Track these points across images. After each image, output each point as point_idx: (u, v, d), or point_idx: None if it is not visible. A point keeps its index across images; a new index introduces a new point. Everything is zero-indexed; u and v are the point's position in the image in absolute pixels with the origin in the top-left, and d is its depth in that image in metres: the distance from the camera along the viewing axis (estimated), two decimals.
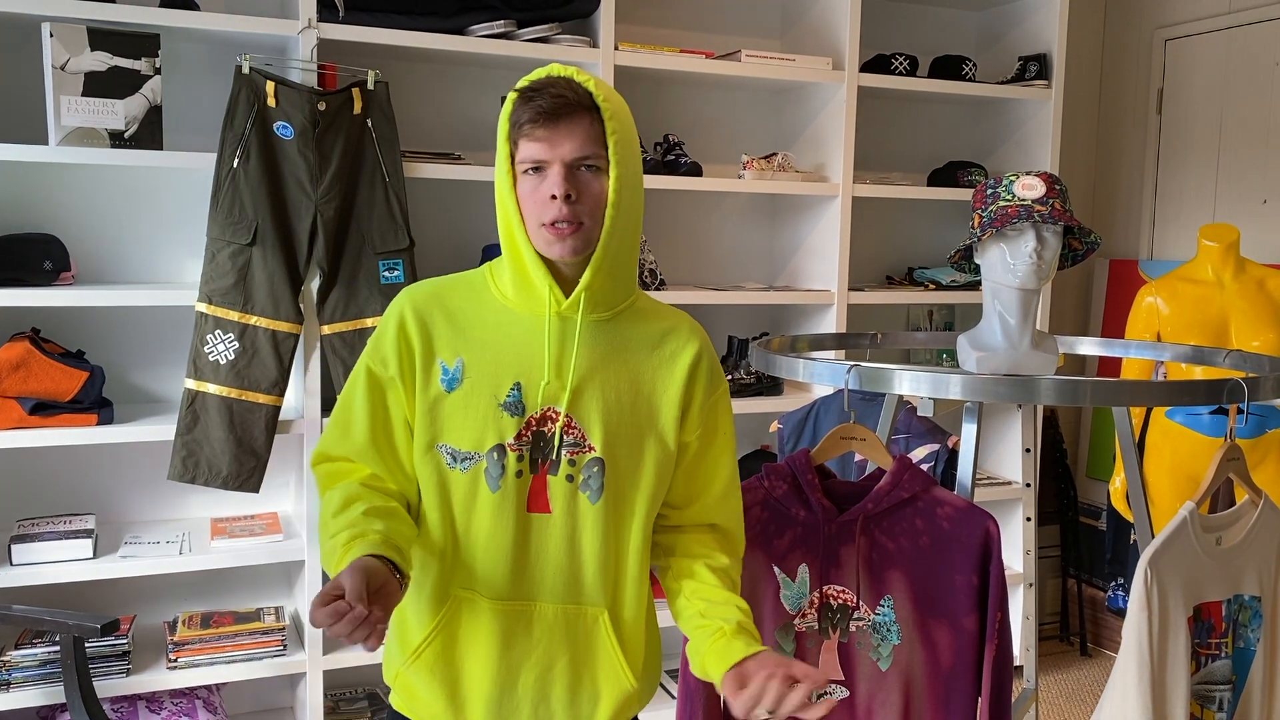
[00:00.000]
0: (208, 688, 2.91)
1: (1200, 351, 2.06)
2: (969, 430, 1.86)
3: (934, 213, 3.93)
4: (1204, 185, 3.81)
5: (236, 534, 2.84)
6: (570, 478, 1.35)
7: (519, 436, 1.34)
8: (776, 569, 1.68)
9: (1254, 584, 1.62)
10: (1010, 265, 1.84)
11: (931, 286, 3.66)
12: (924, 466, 2.32)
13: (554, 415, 1.35)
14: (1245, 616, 1.61)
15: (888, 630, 1.63)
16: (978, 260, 1.91)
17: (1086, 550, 4.16)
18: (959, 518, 1.62)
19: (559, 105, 1.28)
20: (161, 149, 2.64)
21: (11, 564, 2.57)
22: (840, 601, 1.66)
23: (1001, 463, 3.83)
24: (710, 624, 1.33)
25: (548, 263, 1.34)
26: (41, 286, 2.58)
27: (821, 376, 1.74)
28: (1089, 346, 2.29)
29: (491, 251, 3.10)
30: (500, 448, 1.34)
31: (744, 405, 3.31)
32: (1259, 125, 3.62)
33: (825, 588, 1.66)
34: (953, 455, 2.31)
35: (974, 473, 1.83)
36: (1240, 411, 3.02)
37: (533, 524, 1.35)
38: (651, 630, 1.47)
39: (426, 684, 1.38)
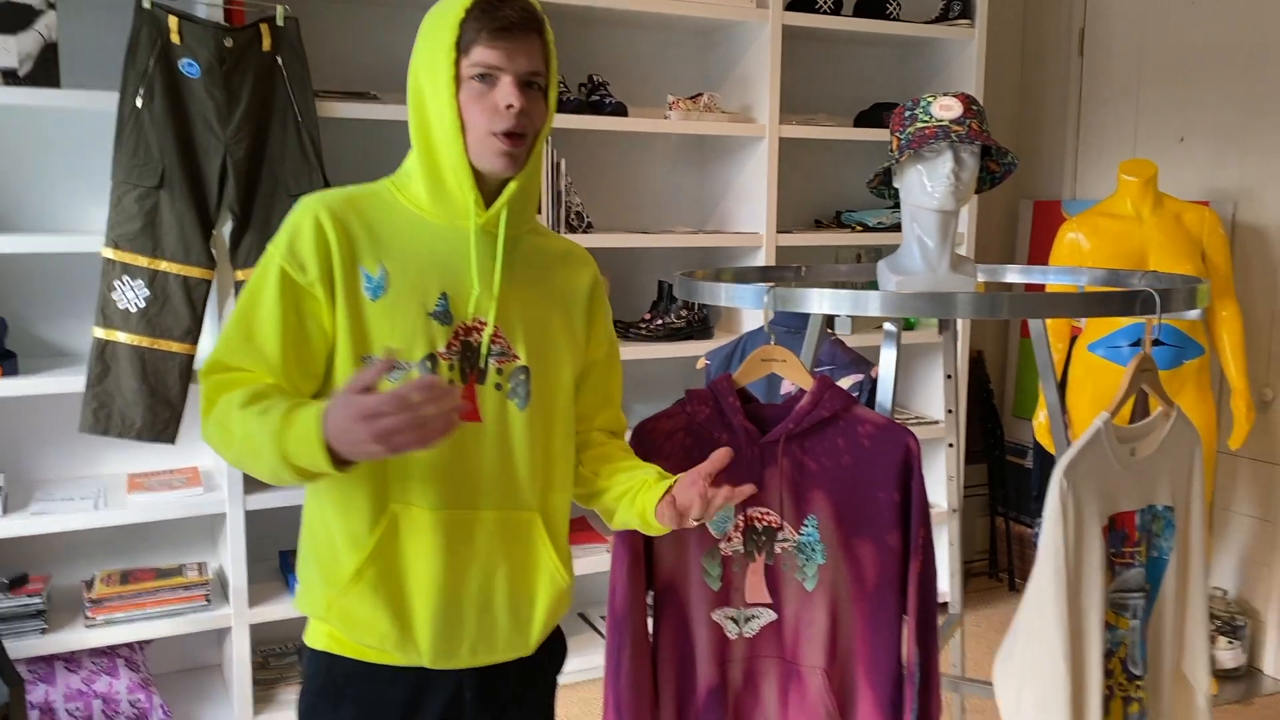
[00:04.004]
0: (130, 646, 2.84)
1: (1117, 274, 2.08)
2: (888, 355, 1.86)
3: (861, 155, 3.93)
4: (1124, 125, 3.86)
5: (155, 488, 2.76)
6: (499, 386, 1.38)
7: (449, 346, 1.35)
8: None
9: (1167, 494, 1.64)
10: (928, 187, 1.83)
11: (859, 228, 3.67)
12: None
13: (480, 325, 1.37)
14: (1159, 526, 1.64)
15: (812, 550, 1.63)
16: (897, 185, 1.91)
17: (1014, 488, 4.24)
18: (879, 435, 1.61)
19: (520, 19, 1.31)
20: (59, 87, 2.52)
21: None
22: (765, 524, 1.65)
23: (929, 403, 3.87)
24: (640, 479, 1.44)
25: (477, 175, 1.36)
26: None
27: (742, 299, 1.72)
28: (1008, 274, 2.30)
29: None
30: (432, 357, 1.34)
31: (674, 349, 3.30)
32: (1176, 64, 3.67)
33: (749, 510, 1.65)
34: (877, 386, 2.31)
35: (894, 396, 1.84)
36: (1156, 327, 3.08)
37: (466, 432, 1.35)
38: (567, 529, 1.52)
39: (370, 605, 1.34)
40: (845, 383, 2.34)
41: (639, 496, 1.43)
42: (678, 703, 1.69)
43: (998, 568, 4.28)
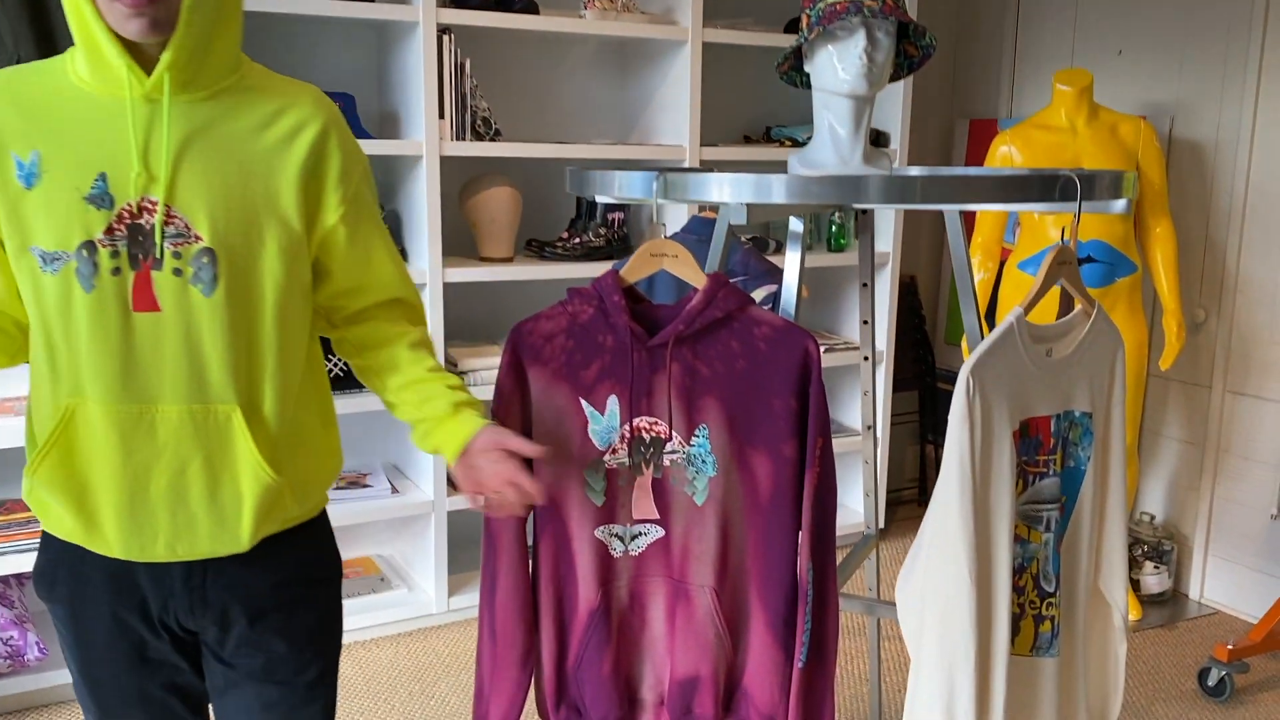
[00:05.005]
0: (4, 581, 2.66)
1: (1042, 173, 1.94)
2: (793, 256, 1.72)
3: None
4: (1062, 39, 3.72)
5: (23, 412, 2.57)
6: (178, 271, 1.25)
7: (109, 231, 1.23)
8: (584, 402, 1.52)
9: (1085, 400, 1.52)
10: (839, 69, 1.67)
11: (789, 144, 3.51)
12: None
13: (151, 206, 1.23)
14: (1076, 434, 1.52)
15: (703, 462, 1.49)
16: (807, 68, 1.75)
17: (945, 415, 4.15)
18: (776, 338, 1.47)
19: None
20: None
21: None
22: (653, 434, 1.51)
23: (849, 326, 3.75)
24: (432, 410, 1.39)
25: (127, 39, 1.21)
26: None
27: (631, 188, 1.56)
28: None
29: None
30: (89, 244, 1.22)
31: (593, 269, 3.14)
32: None
33: (636, 420, 1.51)
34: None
35: (798, 300, 1.70)
36: (1087, 243, 2.98)
37: (140, 324, 1.25)
38: (308, 421, 1.40)
39: (52, 497, 1.30)
40: (759, 294, 2.20)
41: (433, 435, 1.40)
42: (558, 626, 1.56)
43: (927, 495, 4.21)
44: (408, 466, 3.22)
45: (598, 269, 3.15)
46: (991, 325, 3.40)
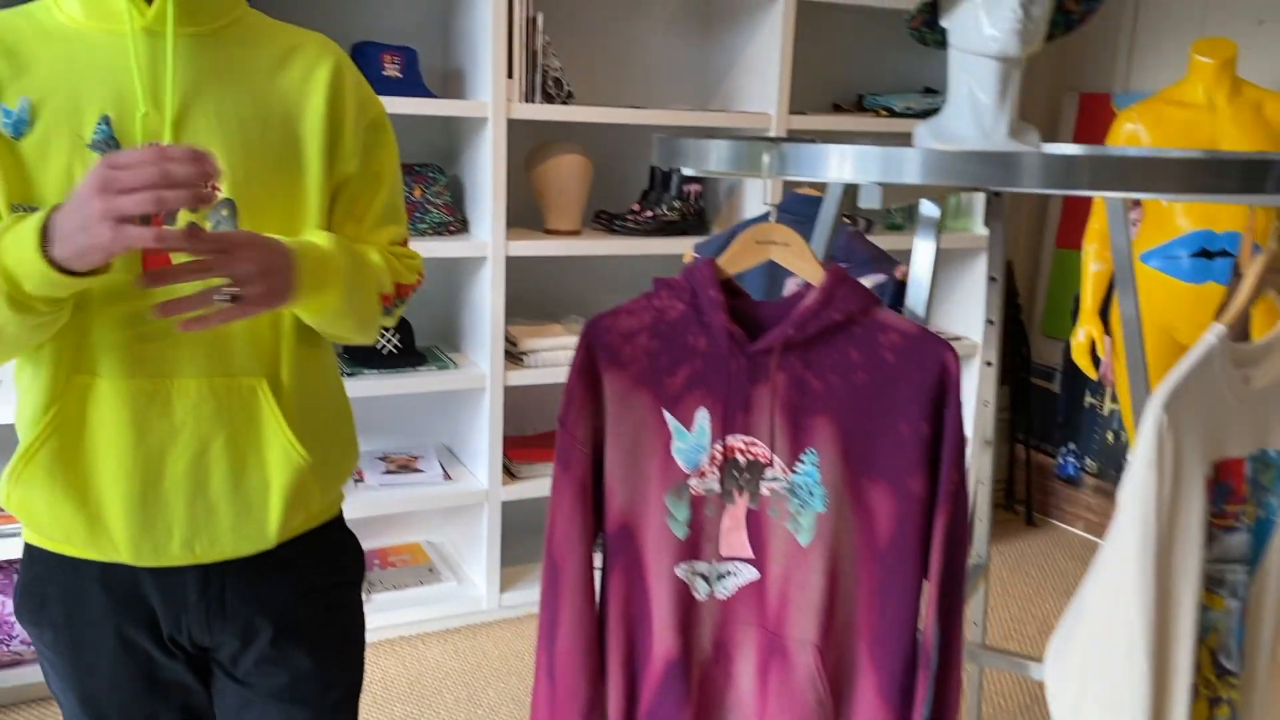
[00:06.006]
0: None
1: (1216, 156, 1.65)
2: (925, 246, 1.45)
3: (890, 30, 3.45)
4: (1189, 6, 3.36)
5: None
6: (193, 225, 1.11)
7: None
8: (668, 414, 1.28)
9: None
10: (986, 26, 1.40)
11: (884, 113, 3.21)
12: None
13: None
14: (1269, 478, 1.24)
15: (809, 494, 1.24)
16: (944, 23, 1.47)
17: (1038, 414, 3.85)
18: (907, 348, 1.21)
19: None
20: None
21: None
22: (750, 457, 1.27)
23: (948, 318, 3.46)
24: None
25: None
26: None
27: (733, 161, 1.30)
28: (1062, 149, 1.87)
29: (366, 51, 2.58)
30: None
31: (665, 245, 2.89)
32: None
33: (730, 439, 1.26)
34: (901, 288, 1.91)
35: (929, 300, 1.43)
36: (1221, 235, 2.66)
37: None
38: (330, 400, 1.28)
39: (46, 492, 1.14)
40: (866, 283, 1.93)
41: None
42: (628, 676, 1.33)
43: (1014, 499, 3.92)
44: (461, 450, 3.01)
45: (671, 244, 2.89)
46: (1105, 323, 3.08)
